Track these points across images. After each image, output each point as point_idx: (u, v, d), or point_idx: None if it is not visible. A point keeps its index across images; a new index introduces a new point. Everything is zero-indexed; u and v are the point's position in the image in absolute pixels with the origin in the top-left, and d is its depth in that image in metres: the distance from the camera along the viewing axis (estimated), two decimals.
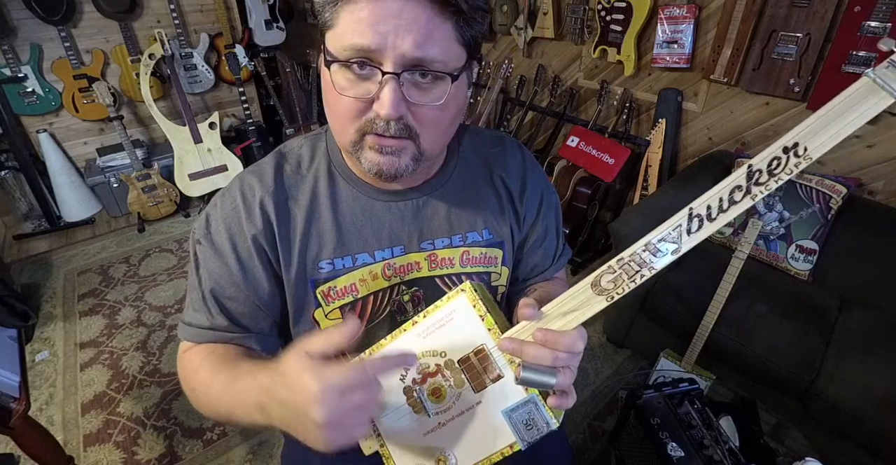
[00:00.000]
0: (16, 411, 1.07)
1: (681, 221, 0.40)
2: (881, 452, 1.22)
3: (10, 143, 2.49)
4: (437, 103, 0.51)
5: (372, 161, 0.54)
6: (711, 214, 0.39)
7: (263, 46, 3.20)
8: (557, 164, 2.34)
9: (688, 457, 1.05)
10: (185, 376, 0.62)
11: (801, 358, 1.32)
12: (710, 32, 1.86)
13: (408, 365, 0.47)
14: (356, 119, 0.52)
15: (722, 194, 0.38)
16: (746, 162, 0.37)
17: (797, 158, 0.35)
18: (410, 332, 0.54)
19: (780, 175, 0.36)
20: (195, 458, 1.50)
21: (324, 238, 0.63)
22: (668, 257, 0.41)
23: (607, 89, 2.26)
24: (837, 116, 0.34)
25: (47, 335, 1.99)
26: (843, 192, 1.53)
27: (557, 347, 0.47)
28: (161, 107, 2.78)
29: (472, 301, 0.52)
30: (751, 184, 0.37)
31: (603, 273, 0.44)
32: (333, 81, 0.51)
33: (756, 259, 1.65)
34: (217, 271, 0.62)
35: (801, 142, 0.35)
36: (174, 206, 2.79)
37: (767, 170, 0.36)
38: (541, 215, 0.73)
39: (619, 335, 1.80)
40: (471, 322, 0.52)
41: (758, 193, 0.37)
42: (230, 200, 0.62)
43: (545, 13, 2.34)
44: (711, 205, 0.39)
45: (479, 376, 0.52)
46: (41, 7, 2.43)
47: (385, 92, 0.48)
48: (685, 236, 0.40)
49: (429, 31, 0.47)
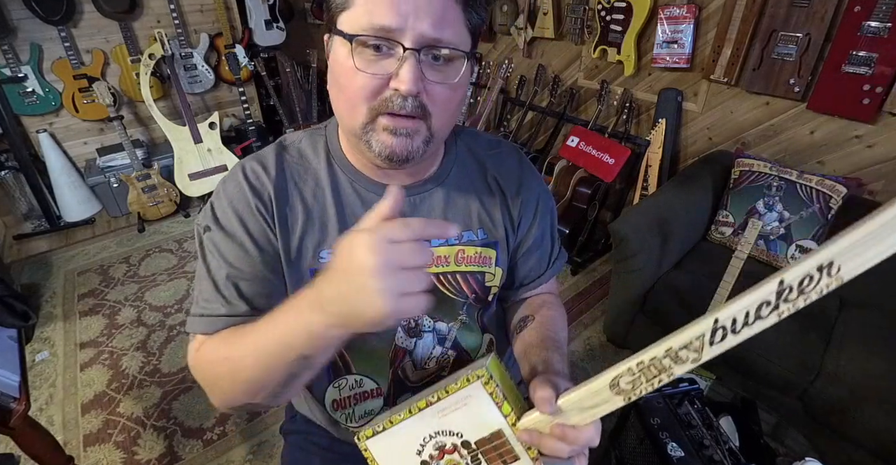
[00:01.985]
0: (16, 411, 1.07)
1: (705, 330, 0.39)
2: (881, 452, 1.22)
3: (10, 143, 2.49)
4: (451, 81, 0.53)
5: (384, 143, 0.54)
6: (736, 328, 0.38)
7: (263, 46, 3.21)
8: (557, 164, 2.34)
9: (688, 457, 1.05)
10: (206, 367, 0.57)
11: (801, 358, 1.32)
12: (710, 32, 1.86)
13: (448, 235, 0.44)
14: (371, 98, 0.52)
15: (749, 309, 0.37)
16: (778, 277, 0.35)
17: (829, 278, 0.34)
18: (426, 411, 0.54)
19: (809, 294, 0.35)
20: (195, 458, 1.50)
21: (326, 229, 0.63)
22: (688, 365, 0.41)
23: (607, 89, 2.26)
24: (880, 238, 0.32)
25: (47, 335, 1.99)
26: (843, 192, 1.53)
27: (576, 443, 0.48)
28: (161, 107, 2.78)
29: (488, 389, 0.51)
30: (780, 301, 0.36)
31: (622, 374, 0.44)
32: (354, 58, 0.51)
33: (756, 259, 1.65)
34: (231, 254, 0.60)
35: (835, 261, 0.34)
36: (174, 206, 2.79)
37: (798, 288, 0.35)
38: (537, 219, 0.74)
39: (619, 335, 1.80)
40: (487, 408, 0.52)
41: (785, 310, 0.36)
42: (234, 184, 0.62)
43: (545, 13, 2.34)
44: (737, 318, 0.38)
45: (495, 459, 0.53)
46: (41, 7, 2.44)
47: (405, 68, 0.49)
48: (707, 346, 0.39)
49: (443, 12, 0.50)
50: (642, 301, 1.62)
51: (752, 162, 1.71)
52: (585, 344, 1.89)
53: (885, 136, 1.56)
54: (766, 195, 1.64)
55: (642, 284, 1.60)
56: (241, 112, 3.09)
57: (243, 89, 2.91)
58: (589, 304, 2.11)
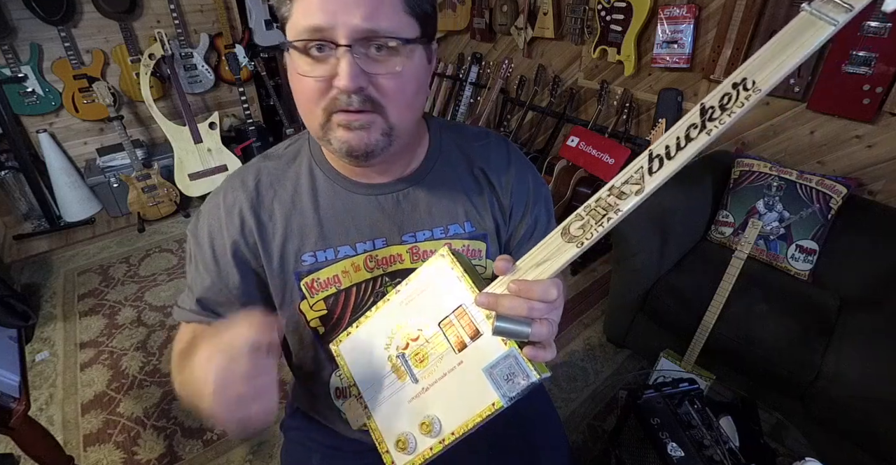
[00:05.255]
0: (16, 411, 1.07)
1: (641, 162, 0.41)
2: (881, 452, 1.22)
3: (10, 143, 2.49)
4: (394, 71, 0.52)
5: (341, 139, 0.55)
6: (670, 153, 0.40)
7: (263, 46, 3.20)
8: (557, 164, 2.34)
9: (688, 457, 1.05)
10: (173, 351, 0.66)
11: (801, 358, 1.32)
12: (710, 32, 1.86)
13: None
14: (320, 99, 0.53)
15: (678, 133, 0.40)
16: (699, 103, 0.40)
17: (746, 92, 0.37)
18: (393, 300, 0.56)
19: (732, 109, 0.38)
20: (195, 458, 1.50)
21: (305, 232, 0.65)
22: (633, 198, 0.42)
23: (607, 89, 2.26)
24: (780, 50, 0.37)
25: (47, 335, 1.99)
26: (843, 192, 1.53)
27: (531, 295, 0.46)
28: (161, 107, 2.78)
29: (450, 264, 0.53)
30: (705, 120, 0.39)
31: (572, 221, 0.45)
32: (296, 66, 0.53)
33: (756, 259, 1.65)
34: (197, 265, 0.67)
35: (748, 77, 0.37)
36: (174, 206, 2.79)
37: (720, 105, 0.38)
38: (529, 208, 0.73)
39: (619, 335, 1.80)
40: (450, 284, 0.52)
41: (712, 127, 0.39)
42: (214, 203, 0.66)
43: (545, 13, 2.34)
44: (669, 144, 0.40)
45: (459, 336, 0.51)
46: (41, 7, 2.43)
47: (342, 65, 0.50)
48: (647, 176, 0.41)
49: (377, 3, 0.49)
50: (642, 301, 1.62)
51: (752, 162, 1.71)
52: (585, 344, 1.89)
53: (885, 136, 1.56)
54: (766, 195, 1.64)
55: (642, 284, 1.60)
56: (241, 112, 3.08)
57: (243, 89, 2.91)
58: (589, 304, 2.11)
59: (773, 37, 0.37)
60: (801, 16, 0.36)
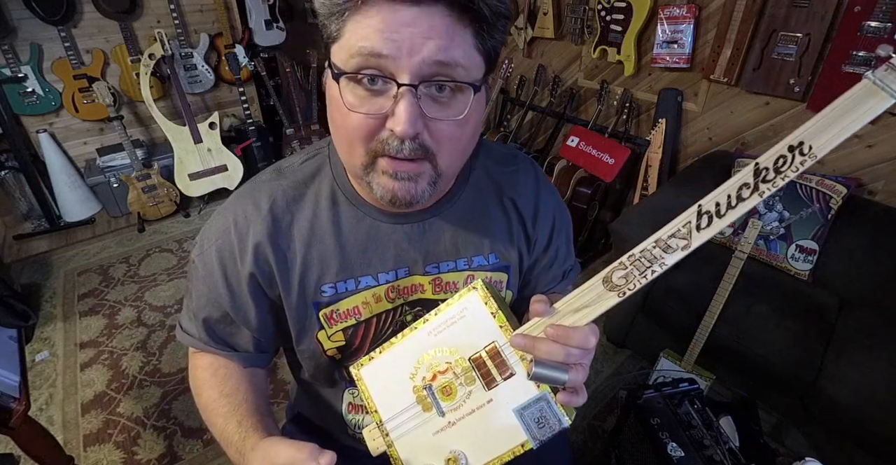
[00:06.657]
0: (16, 411, 1.07)
1: (690, 217, 0.41)
2: (881, 452, 1.22)
3: (10, 143, 2.48)
4: (457, 118, 0.47)
5: (385, 187, 0.50)
6: (720, 211, 0.40)
7: (263, 46, 3.20)
8: (557, 164, 2.34)
9: (688, 457, 1.05)
10: (194, 382, 0.66)
11: (801, 358, 1.32)
12: (710, 32, 1.86)
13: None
14: (367, 140, 0.48)
15: (730, 192, 0.39)
16: (752, 161, 0.38)
17: (802, 157, 0.36)
18: (421, 330, 0.54)
19: (786, 173, 0.37)
20: (195, 458, 1.50)
21: (326, 262, 0.61)
22: (679, 253, 0.42)
23: (607, 89, 2.26)
24: (839, 116, 0.35)
25: (47, 335, 1.99)
26: (843, 192, 1.53)
27: (570, 342, 0.46)
28: (161, 107, 2.78)
29: (483, 299, 0.51)
30: (758, 181, 0.38)
31: (614, 270, 0.44)
32: (342, 96, 0.46)
33: (756, 259, 1.65)
34: (205, 295, 0.62)
35: (805, 141, 0.36)
36: (174, 206, 2.79)
37: (774, 168, 0.37)
38: (553, 238, 0.71)
39: (619, 335, 1.80)
40: (482, 320, 0.51)
41: (765, 190, 0.38)
42: (223, 225, 0.61)
43: (545, 13, 2.34)
44: (720, 202, 0.40)
45: (490, 374, 0.51)
46: (41, 7, 2.43)
47: (401, 106, 0.44)
48: (695, 232, 0.41)
49: (449, 37, 0.43)
50: (642, 301, 1.62)
51: (752, 162, 1.70)
52: None
53: (885, 136, 1.56)
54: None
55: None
56: (241, 112, 3.08)
57: (243, 89, 2.91)
58: None
59: (834, 101, 0.35)
60: (864, 83, 0.34)
